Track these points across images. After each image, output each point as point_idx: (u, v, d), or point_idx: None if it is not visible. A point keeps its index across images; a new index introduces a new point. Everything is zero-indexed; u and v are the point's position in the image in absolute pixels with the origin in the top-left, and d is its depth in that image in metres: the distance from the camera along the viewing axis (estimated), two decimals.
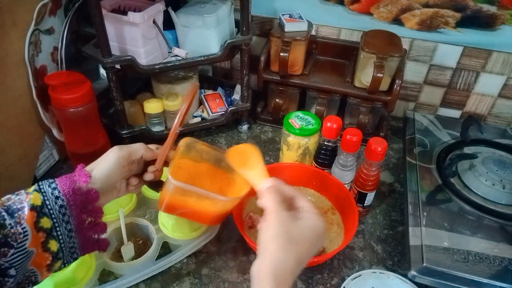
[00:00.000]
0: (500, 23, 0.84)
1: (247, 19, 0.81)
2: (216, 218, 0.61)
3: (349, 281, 0.62)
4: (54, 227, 0.45)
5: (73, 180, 0.48)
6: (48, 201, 0.45)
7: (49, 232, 0.45)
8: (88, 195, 0.48)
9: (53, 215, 0.45)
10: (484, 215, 0.67)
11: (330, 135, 0.72)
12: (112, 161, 0.51)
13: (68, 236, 0.47)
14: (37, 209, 0.44)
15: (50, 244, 0.45)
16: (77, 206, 0.47)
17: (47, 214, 0.45)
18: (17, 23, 0.68)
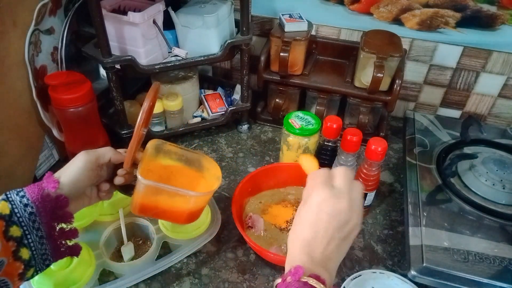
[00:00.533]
0: (500, 23, 0.84)
1: (247, 19, 0.81)
2: (190, 216, 0.60)
3: (349, 281, 0.62)
4: (25, 235, 0.45)
5: (41, 187, 0.47)
6: (17, 209, 0.45)
7: (20, 240, 0.44)
8: (58, 201, 0.48)
9: (23, 223, 0.44)
10: (484, 215, 0.67)
11: (330, 135, 0.72)
12: (79, 166, 0.51)
13: (39, 243, 0.46)
14: (6, 218, 0.43)
15: (21, 253, 0.44)
16: (47, 212, 0.47)
17: (16, 222, 0.44)
18: (17, 23, 0.68)
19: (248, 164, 0.88)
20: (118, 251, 0.66)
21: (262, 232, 0.69)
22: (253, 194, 0.75)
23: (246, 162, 0.89)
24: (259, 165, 0.87)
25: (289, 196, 0.76)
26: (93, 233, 0.66)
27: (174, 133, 0.90)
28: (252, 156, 0.91)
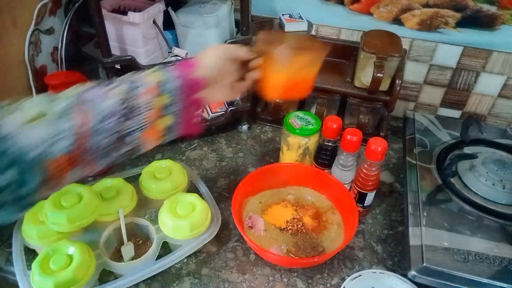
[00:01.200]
0: (500, 23, 0.84)
1: (247, 19, 0.81)
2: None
3: (349, 281, 0.62)
4: (169, 104, 0.50)
5: (184, 66, 0.53)
6: (169, 79, 0.50)
7: (164, 108, 0.49)
8: (195, 81, 0.53)
9: (171, 93, 0.50)
10: (484, 215, 0.67)
11: (330, 135, 0.72)
12: (213, 55, 0.56)
13: (175, 115, 0.51)
14: (160, 84, 0.49)
15: (163, 120, 0.50)
16: (187, 89, 0.52)
17: (167, 91, 0.49)
18: (17, 23, 0.68)
19: (248, 164, 0.88)
20: (118, 251, 0.66)
21: (262, 232, 0.69)
22: (253, 194, 0.75)
23: (246, 162, 0.89)
24: (259, 165, 0.87)
25: (289, 196, 0.76)
26: (93, 233, 0.66)
27: None
28: (252, 156, 0.91)
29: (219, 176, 0.85)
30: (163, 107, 0.49)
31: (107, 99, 0.45)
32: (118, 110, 0.45)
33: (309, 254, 0.65)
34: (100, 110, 0.44)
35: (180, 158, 0.89)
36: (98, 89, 0.46)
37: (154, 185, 0.72)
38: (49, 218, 0.62)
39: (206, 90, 0.55)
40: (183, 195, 0.70)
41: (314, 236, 0.68)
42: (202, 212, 0.66)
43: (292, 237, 0.68)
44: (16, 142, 0.39)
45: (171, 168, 0.75)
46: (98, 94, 0.46)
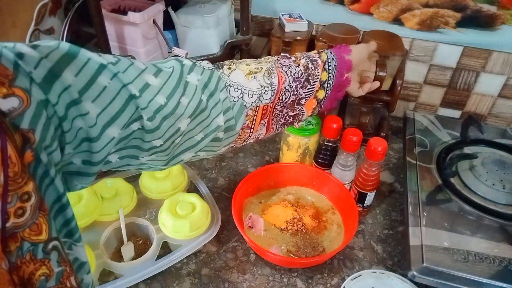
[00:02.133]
0: (500, 23, 0.84)
1: (247, 19, 0.81)
2: None
3: (349, 281, 0.62)
4: (326, 80, 0.59)
5: (340, 50, 0.62)
6: (329, 60, 0.59)
7: (322, 83, 0.58)
8: (348, 63, 0.61)
9: (329, 71, 0.59)
10: (484, 215, 0.67)
11: (330, 135, 0.72)
12: (363, 48, 0.65)
13: (328, 90, 0.60)
14: (325, 62, 0.58)
15: (319, 93, 0.59)
16: (340, 69, 0.60)
17: (326, 69, 0.58)
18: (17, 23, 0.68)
19: (248, 164, 0.88)
20: (118, 251, 0.66)
21: (262, 232, 0.69)
22: (253, 194, 0.75)
23: (246, 162, 0.89)
24: (259, 165, 0.87)
25: (289, 196, 0.76)
26: (93, 233, 0.66)
27: None
28: (252, 156, 0.91)
29: (219, 176, 0.85)
30: (322, 82, 0.58)
31: (295, 66, 0.56)
32: (301, 76, 0.56)
33: (309, 254, 0.65)
34: (291, 73, 0.55)
35: None
36: (289, 59, 0.57)
37: (154, 185, 0.72)
38: None
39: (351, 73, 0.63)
40: (183, 195, 0.70)
41: (314, 236, 0.68)
42: (202, 212, 0.66)
43: (292, 237, 0.68)
44: (239, 90, 0.50)
45: (171, 168, 0.75)
46: (289, 61, 0.56)
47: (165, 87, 0.44)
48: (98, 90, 0.37)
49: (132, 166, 0.47)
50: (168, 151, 0.46)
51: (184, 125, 0.45)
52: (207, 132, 0.48)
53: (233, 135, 0.52)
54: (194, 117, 0.46)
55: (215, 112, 0.48)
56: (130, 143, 0.42)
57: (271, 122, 0.56)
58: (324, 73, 0.58)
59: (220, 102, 0.48)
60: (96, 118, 0.37)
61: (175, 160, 0.50)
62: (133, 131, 0.41)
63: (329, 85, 0.59)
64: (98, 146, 0.38)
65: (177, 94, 0.44)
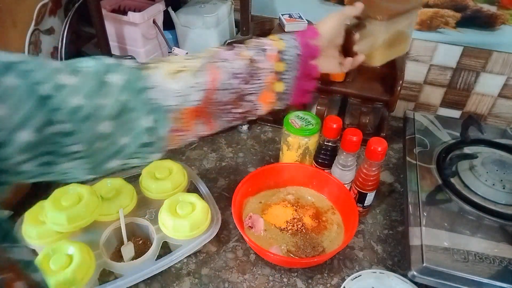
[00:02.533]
0: (500, 23, 0.84)
1: (247, 19, 0.81)
2: None
3: (349, 281, 0.62)
4: (285, 71, 0.52)
5: (305, 35, 0.55)
6: (288, 48, 0.52)
7: (279, 75, 0.52)
8: (314, 50, 0.55)
9: (288, 61, 0.52)
10: (484, 215, 0.67)
11: (330, 135, 0.72)
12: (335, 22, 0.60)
13: (290, 81, 0.53)
14: (281, 52, 0.52)
15: (276, 86, 0.52)
16: (304, 58, 0.54)
17: (284, 59, 0.52)
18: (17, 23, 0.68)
19: (248, 164, 0.88)
20: (118, 251, 0.66)
21: (262, 232, 0.69)
22: (253, 194, 0.75)
23: (246, 162, 0.89)
24: (259, 165, 0.87)
25: (289, 196, 0.76)
26: (93, 233, 0.66)
27: None
28: (252, 156, 0.91)
29: (219, 176, 0.85)
30: (279, 73, 0.52)
31: (237, 60, 0.50)
32: (244, 71, 0.50)
33: (309, 254, 0.65)
34: (230, 68, 0.49)
35: (180, 158, 0.89)
36: (230, 51, 0.51)
37: (154, 185, 0.72)
38: (49, 218, 0.62)
39: (320, 58, 0.57)
40: (183, 195, 0.70)
41: (314, 236, 0.68)
42: (202, 212, 0.66)
43: (292, 237, 0.68)
44: (160, 91, 0.45)
45: (171, 168, 0.75)
46: (230, 54, 0.50)
47: (83, 87, 0.40)
48: (3, 90, 0.34)
49: (53, 175, 0.43)
50: (91, 157, 0.43)
51: (105, 128, 0.42)
52: (132, 136, 0.44)
53: (161, 139, 0.47)
54: (116, 119, 0.42)
55: (139, 114, 0.44)
56: (47, 149, 0.39)
57: (211, 121, 0.51)
58: (280, 64, 0.52)
59: (143, 104, 0.44)
60: (4, 121, 0.34)
61: (101, 168, 0.45)
62: (49, 135, 0.38)
63: (289, 77, 0.53)
64: (6, 152, 0.35)
65: (97, 94, 0.41)
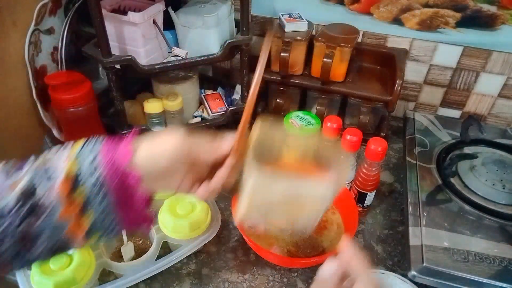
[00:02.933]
0: (500, 23, 0.84)
1: (247, 19, 0.81)
2: None
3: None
4: (89, 201, 0.40)
5: (114, 154, 0.40)
6: (83, 174, 0.39)
7: (84, 204, 0.40)
8: (127, 177, 0.40)
9: (87, 189, 0.39)
10: (484, 215, 0.67)
11: (330, 135, 0.72)
12: (166, 151, 0.42)
13: (102, 212, 0.40)
14: (73, 179, 0.39)
15: (84, 218, 0.40)
16: (115, 185, 0.40)
17: (83, 185, 0.39)
18: (17, 23, 0.68)
19: None
20: (118, 251, 0.66)
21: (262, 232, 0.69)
22: None
23: None
24: None
25: None
26: None
27: None
28: None
29: None
30: (81, 203, 0.39)
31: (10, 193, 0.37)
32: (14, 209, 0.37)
33: (309, 254, 0.65)
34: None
35: None
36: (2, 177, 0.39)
37: None
38: None
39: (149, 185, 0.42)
40: (183, 195, 0.70)
41: (314, 236, 0.68)
42: (202, 212, 0.66)
43: (292, 237, 0.68)
44: None
45: None
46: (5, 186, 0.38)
47: None
48: None
49: None
50: None
51: None
52: None
53: None
54: None
55: None
56: None
57: None
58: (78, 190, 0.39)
59: None
60: None
61: None
62: None
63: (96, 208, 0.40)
64: None
65: None
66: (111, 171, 0.40)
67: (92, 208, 0.40)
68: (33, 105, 0.75)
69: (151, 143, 0.42)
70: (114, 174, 0.40)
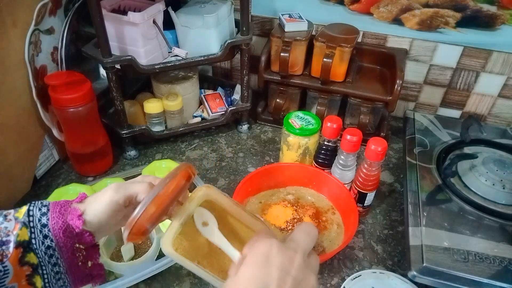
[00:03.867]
0: (500, 23, 0.84)
1: (247, 19, 0.81)
2: None
3: (349, 281, 0.62)
4: (40, 265, 0.41)
5: (65, 221, 0.43)
6: (35, 239, 0.41)
7: (35, 268, 0.41)
8: (81, 237, 0.43)
9: (39, 254, 0.41)
10: (484, 215, 0.67)
11: (330, 135, 0.72)
12: (104, 204, 0.44)
13: (55, 277, 0.43)
14: (24, 244, 0.40)
15: (35, 279, 0.41)
16: (68, 247, 0.43)
17: (34, 250, 0.41)
18: (17, 23, 0.68)
19: (248, 164, 0.88)
20: (118, 251, 0.66)
21: None
22: (253, 194, 0.75)
23: (246, 162, 0.89)
24: (259, 165, 0.87)
25: (289, 196, 0.76)
26: None
27: (174, 133, 0.90)
28: (252, 156, 0.91)
29: (219, 176, 0.85)
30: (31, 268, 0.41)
31: None
32: None
33: None
34: None
35: (180, 158, 0.89)
36: None
37: None
38: None
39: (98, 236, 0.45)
40: None
41: None
42: None
43: None
44: None
45: (171, 168, 0.74)
46: None
47: None
48: None
49: None
50: None
51: None
52: None
53: None
54: None
55: None
56: None
57: None
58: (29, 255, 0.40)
59: None
60: None
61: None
62: None
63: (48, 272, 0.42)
64: None
65: None
66: (64, 235, 0.42)
67: (44, 272, 0.42)
68: (33, 105, 0.75)
69: (93, 200, 0.45)
70: (67, 237, 0.42)
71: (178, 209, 0.43)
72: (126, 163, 0.87)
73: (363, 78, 0.92)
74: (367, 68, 0.96)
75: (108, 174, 0.84)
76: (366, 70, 0.96)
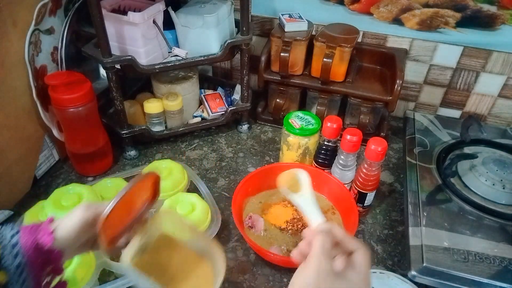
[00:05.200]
0: (500, 23, 0.84)
1: (247, 19, 0.81)
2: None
3: None
4: (10, 283, 0.41)
5: (36, 238, 0.43)
6: (6, 257, 0.41)
7: (4, 286, 0.41)
8: (50, 254, 0.44)
9: (9, 272, 0.41)
10: (484, 215, 0.67)
11: (330, 135, 0.72)
12: (75, 222, 0.46)
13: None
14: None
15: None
16: (37, 265, 0.43)
17: (5, 268, 0.41)
18: (17, 23, 0.68)
19: (248, 164, 0.88)
20: None
21: (262, 232, 0.69)
22: (253, 194, 0.75)
23: (246, 162, 0.89)
24: (259, 165, 0.87)
25: None
26: None
27: (174, 133, 0.90)
28: (252, 156, 0.91)
29: (219, 176, 0.85)
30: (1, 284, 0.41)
31: None
32: None
33: None
34: None
35: (180, 158, 0.89)
36: None
37: None
38: None
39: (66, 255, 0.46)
40: (183, 195, 0.70)
41: None
42: (202, 212, 0.66)
43: (292, 237, 0.68)
44: None
45: (171, 168, 0.75)
46: None
47: None
48: None
49: None
50: None
51: None
52: None
53: None
54: None
55: None
56: None
57: None
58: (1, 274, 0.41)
59: None
60: None
61: None
62: None
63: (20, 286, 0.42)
64: None
65: None
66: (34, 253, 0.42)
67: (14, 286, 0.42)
68: (33, 105, 0.75)
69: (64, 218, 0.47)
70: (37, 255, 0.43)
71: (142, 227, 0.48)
72: (126, 163, 0.87)
73: (363, 78, 0.92)
74: (367, 68, 0.96)
75: (108, 174, 0.84)
76: (366, 70, 0.96)
